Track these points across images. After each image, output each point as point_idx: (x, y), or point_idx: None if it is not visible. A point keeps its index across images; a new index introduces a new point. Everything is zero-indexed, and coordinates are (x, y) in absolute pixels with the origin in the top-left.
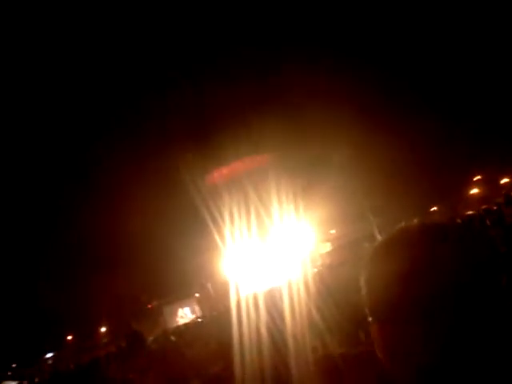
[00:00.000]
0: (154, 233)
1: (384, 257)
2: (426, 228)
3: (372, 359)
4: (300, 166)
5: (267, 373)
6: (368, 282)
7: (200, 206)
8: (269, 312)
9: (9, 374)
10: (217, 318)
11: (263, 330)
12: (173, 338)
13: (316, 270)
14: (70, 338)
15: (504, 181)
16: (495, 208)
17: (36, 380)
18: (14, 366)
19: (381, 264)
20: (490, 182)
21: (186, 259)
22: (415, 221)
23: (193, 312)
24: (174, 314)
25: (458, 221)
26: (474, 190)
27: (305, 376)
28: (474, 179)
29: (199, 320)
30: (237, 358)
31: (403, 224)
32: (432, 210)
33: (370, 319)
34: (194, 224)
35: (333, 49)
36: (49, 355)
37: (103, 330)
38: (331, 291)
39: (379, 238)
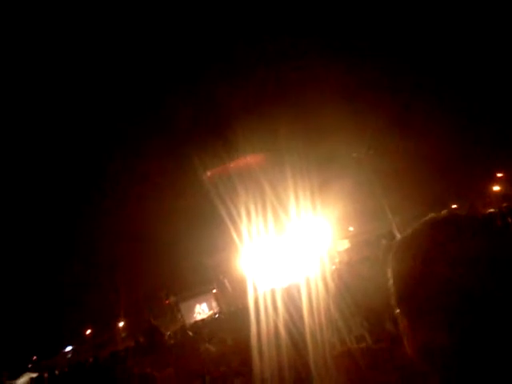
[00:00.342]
0: (173, 230)
1: (413, 248)
2: (454, 220)
3: (392, 355)
4: (318, 163)
5: (285, 370)
6: (396, 274)
7: (218, 203)
8: (287, 309)
9: (29, 366)
10: (234, 314)
11: (281, 327)
12: (190, 333)
13: (334, 267)
14: (88, 332)
15: None
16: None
17: (56, 372)
18: (34, 358)
19: (409, 256)
20: (511, 180)
21: (203, 256)
22: (443, 212)
23: (210, 308)
24: (192, 309)
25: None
26: (495, 188)
27: (324, 373)
28: (495, 177)
29: (217, 316)
30: (254, 355)
31: (431, 215)
32: (452, 207)
33: (398, 313)
34: (213, 221)
35: (351, 48)
36: (68, 348)
37: (121, 324)
38: (349, 288)
39: (398, 235)
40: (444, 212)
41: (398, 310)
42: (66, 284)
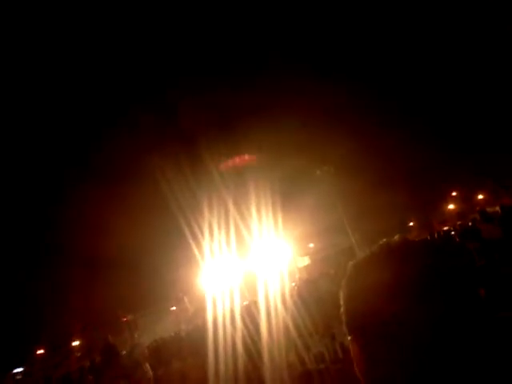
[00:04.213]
0: (131, 246)
1: (365, 273)
2: (407, 244)
3: (350, 376)
4: (280, 180)
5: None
6: (347, 298)
7: (178, 217)
8: (246, 326)
9: None
10: (194, 332)
11: (239, 346)
12: (146, 352)
13: (294, 284)
14: (41, 352)
15: (479, 197)
16: (470, 224)
17: None
18: None
19: (361, 280)
20: (465, 199)
21: (162, 273)
22: (396, 237)
23: (169, 325)
24: (151, 327)
25: (436, 236)
26: (451, 206)
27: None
28: (451, 195)
29: (176, 334)
30: (212, 375)
31: (384, 240)
32: (410, 224)
33: (349, 337)
34: (172, 238)
35: (315, 67)
36: (17, 370)
37: (76, 343)
38: (308, 306)
39: (357, 251)
40: (395, 239)
41: (349, 338)
42: (17, 301)
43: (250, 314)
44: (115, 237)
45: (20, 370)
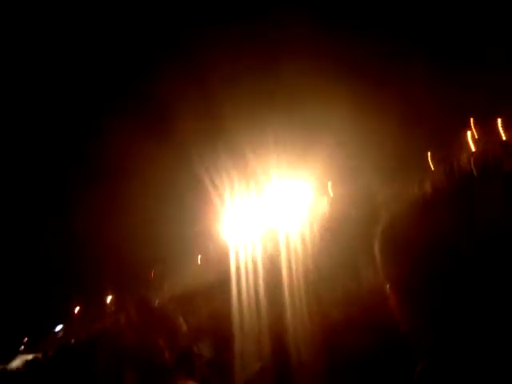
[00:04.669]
0: (153, 202)
1: (401, 229)
2: (436, 199)
3: (372, 318)
4: (298, 123)
5: (265, 332)
6: (386, 252)
7: (197, 171)
8: (268, 273)
9: (21, 348)
10: (221, 281)
11: (263, 293)
12: (176, 305)
13: (316, 225)
14: (77, 309)
15: (499, 124)
16: (491, 158)
17: (49, 353)
18: (25, 340)
19: (398, 235)
20: (485, 127)
21: (185, 225)
22: (424, 185)
23: (197, 276)
24: (179, 278)
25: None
26: (470, 136)
27: (303, 337)
28: (470, 125)
29: (204, 283)
30: (240, 322)
31: (412, 194)
32: (430, 159)
33: (388, 289)
34: (191, 189)
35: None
36: (58, 327)
37: (109, 299)
38: (331, 249)
39: (376, 190)
40: (422, 189)
41: (388, 287)
42: (48, 263)
43: (274, 262)
44: (138, 196)
45: (59, 328)
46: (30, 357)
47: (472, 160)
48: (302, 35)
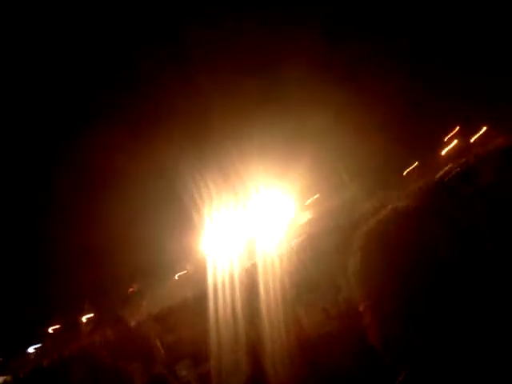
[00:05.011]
0: (133, 215)
1: (374, 246)
2: (414, 209)
3: (350, 335)
4: (279, 133)
5: (242, 348)
6: (359, 270)
7: (176, 181)
8: (246, 290)
9: None
10: (199, 298)
11: (240, 311)
12: (153, 323)
13: (296, 241)
14: (52, 329)
15: (478, 135)
16: (469, 167)
17: (21, 375)
18: None
19: (372, 253)
20: (462, 138)
21: (164, 241)
22: (401, 199)
23: (175, 293)
24: (156, 296)
25: (436, 181)
26: (448, 147)
27: (280, 351)
28: (448, 136)
29: (182, 301)
30: (216, 340)
31: (387, 207)
32: (412, 167)
33: (363, 306)
34: (172, 202)
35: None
36: (32, 348)
37: (86, 318)
38: (310, 263)
39: (358, 203)
40: (402, 200)
41: (362, 305)
42: (25, 281)
43: (251, 277)
44: (119, 208)
45: (34, 348)
46: (0, 379)
47: (451, 170)
48: (287, 47)
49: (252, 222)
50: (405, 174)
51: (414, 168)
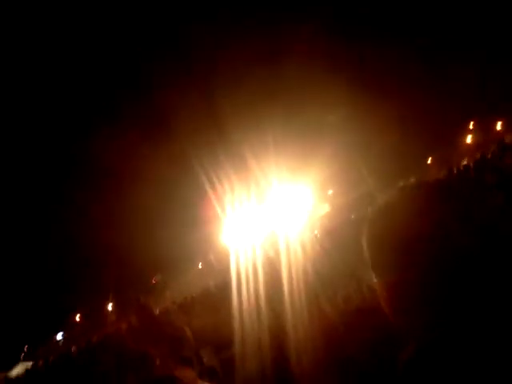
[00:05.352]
0: (154, 208)
1: (385, 219)
2: (424, 188)
3: (369, 316)
4: (297, 128)
5: (265, 336)
6: (371, 243)
7: (198, 176)
8: (268, 279)
9: (22, 356)
10: (222, 288)
11: (263, 297)
12: (177, 311)
13: (316, 232)
14: (78, 317)
15: (498, 127)
16: (489, 156)
17: (50, 360)
18: (26, 347)
19: (382, 226)
20: (484, 130)
21: (186, 231)
22: (412, 180)
23: (198, 283)
24: (180, 286)
25: (454, 171)
26: (469, 138)
27: (303, 339)
28: (469, 127)
29: (205, 290)
30: (240, 327)
31: (400, 184)
32: (429, 161)
33: (375, 278)
34: (192, 196)
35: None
36: (59, 335)
37: (110, 307)
38: (330, 254)
39: (377, 197)
40: (411, 180)
41: (374, 275)
42: (50, 271)
43: (273, 267)
44: (139, 200)
45: (61, 335)
46: (30, 364)
47: (470, 159)
48: (303, 41)
49: (273, 213)
50: (423, 166)
51: (432, 161)
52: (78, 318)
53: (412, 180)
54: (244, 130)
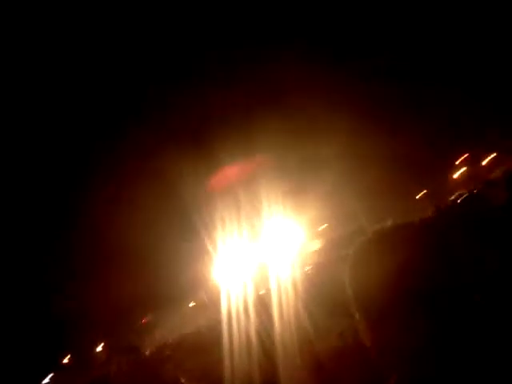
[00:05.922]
0: (142, 243)
1: (365, 259)
2: (397, 230)
3: (359, 354)
4: (290, 165)
5: (255, 373)
6: (353, 282)
7: (189, 211)
8: (260, 318)
9: None
10: (214, 327)
11: (254, 337)
12: (168, 352)
13: (307, 268)
14: (67, 359)
15: (487, 160)
16: (475, 191)
17: None
18: None
19: (363, 265)
20: (471, 165)
21: (176, 269)
22: (389, 222)
23: (189, 322)
24: (170, 325)
25: (441, 209)
26: (457, 173)
27: (291, 375)
28: (458, 161)
29: (196, 330)
30: (230, 368)
31: (378, 226)
32: (419, 196)
33: (357, 316)
34: (182, 231)
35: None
36: (47, 379)
37: (100, 348)
38: (321, 291)
39: (368, 233)
40: (388, 224)
41: (357, 314)
42: (37, 310)
43: (264, 305)
44: (129, 235)
45: (48, 379)
46: None
47: (458, 195)
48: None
49: (263, 249)
50: (414, 200)
51: (423, 195)
52: (66, 360)
53: (389, 222)
54: (234, 159)
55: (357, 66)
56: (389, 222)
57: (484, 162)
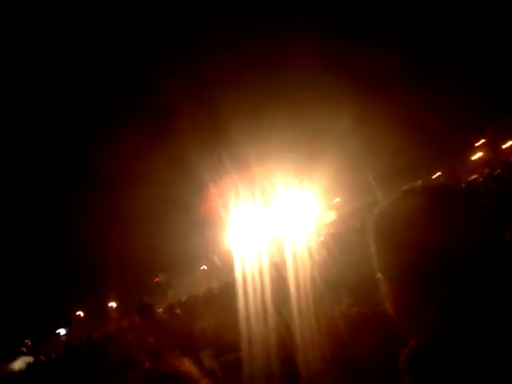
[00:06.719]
0: (158, 207)
1: (391, 219)
2: (429, 189)
3: (375, 321)
4: (303, 135)
5: (272, 342)
6: (377, 243)
7: (203, 177)
8: (275, 282)
9: (23, 349)
10: (225, 289)
11: (268, 301)
12: (179, 311)
13: (321, 239)
14: (80, 313)
15: (507, 145)
16: (496, 173)
17: (52, 355)
18: (27, 341)
19: (389, 226)
20: (492, 147)
21: (191, 232)
22: (418, 182)
23: (201, 284)
24: (182, 286)
25: (462, 185)
26: (477, 155)
27: (308, 341)
28: (477, 144)
29: (208, 291)
30: (244, 328)
31: (407, 186)
32: (435, 176)
33: (380, 277)
34: (197, 196)
35: (328, 15)
36: (61, 331)
37: (113, 305)
38: (337, 260)
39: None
40: (418, 183)
41: (379, 275)
42: (54, 267)
43: (279, 271)
44: (144, 200)
45: (63, 330)
46: (31, 358)
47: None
48: (308, 46)
49: (279, 219)
50: (432, 179)
51: (440, 174)
52: (81, 315)
53: (418, 183)
54: (249, 133)
55: (383, 39)
56: (419, 182)
57: (503, 146)
